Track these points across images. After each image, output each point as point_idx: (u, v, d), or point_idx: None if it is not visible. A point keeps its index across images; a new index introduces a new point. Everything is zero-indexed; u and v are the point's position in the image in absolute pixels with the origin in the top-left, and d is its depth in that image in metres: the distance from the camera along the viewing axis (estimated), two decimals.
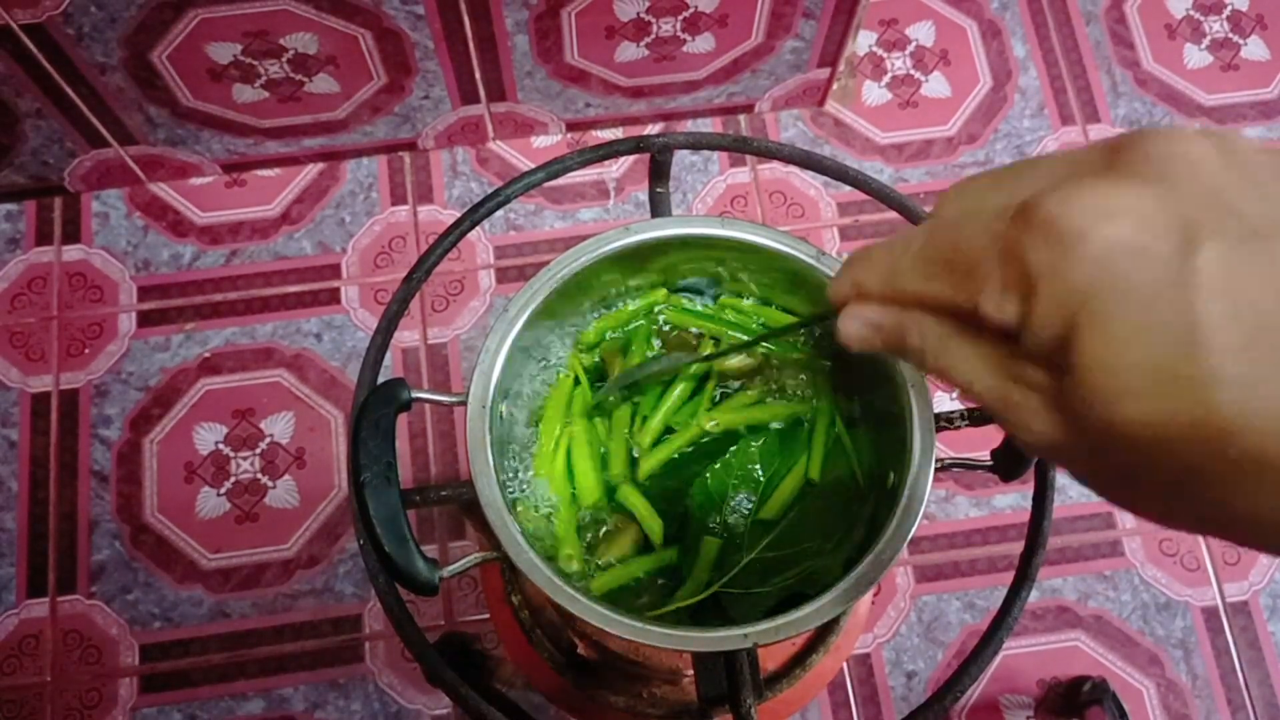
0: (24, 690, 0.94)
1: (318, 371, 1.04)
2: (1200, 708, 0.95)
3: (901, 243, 0.27)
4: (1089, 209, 0.21)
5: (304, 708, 0.94)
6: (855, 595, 0.43)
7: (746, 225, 0.51)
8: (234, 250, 1.08)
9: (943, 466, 0.48)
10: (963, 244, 0.25)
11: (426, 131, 1.09)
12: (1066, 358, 0.22)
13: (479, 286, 1.07)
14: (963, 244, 0.25)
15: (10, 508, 0.99)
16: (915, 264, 0.26)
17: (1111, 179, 0.22)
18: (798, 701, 0.70)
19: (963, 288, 0.25)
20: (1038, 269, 0.22)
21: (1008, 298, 0.23)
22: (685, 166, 1.11)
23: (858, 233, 1.09)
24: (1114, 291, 0.21)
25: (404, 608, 0.47)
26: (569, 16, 0.94)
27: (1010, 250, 0.22)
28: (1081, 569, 0.99)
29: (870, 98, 1.15)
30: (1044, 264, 0.22)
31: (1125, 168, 0.22)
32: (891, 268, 0.27)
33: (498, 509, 0.44)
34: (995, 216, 0.23)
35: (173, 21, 0.88)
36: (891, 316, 0.28)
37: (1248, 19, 1.19)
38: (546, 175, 0.56)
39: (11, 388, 1.03)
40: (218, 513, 0.99)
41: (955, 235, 0.25)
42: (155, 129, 1.02)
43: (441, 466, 1.01)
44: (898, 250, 0.27)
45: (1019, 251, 0.22)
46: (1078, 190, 0.22)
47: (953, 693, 0.46)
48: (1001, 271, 0.23)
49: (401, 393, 0.46)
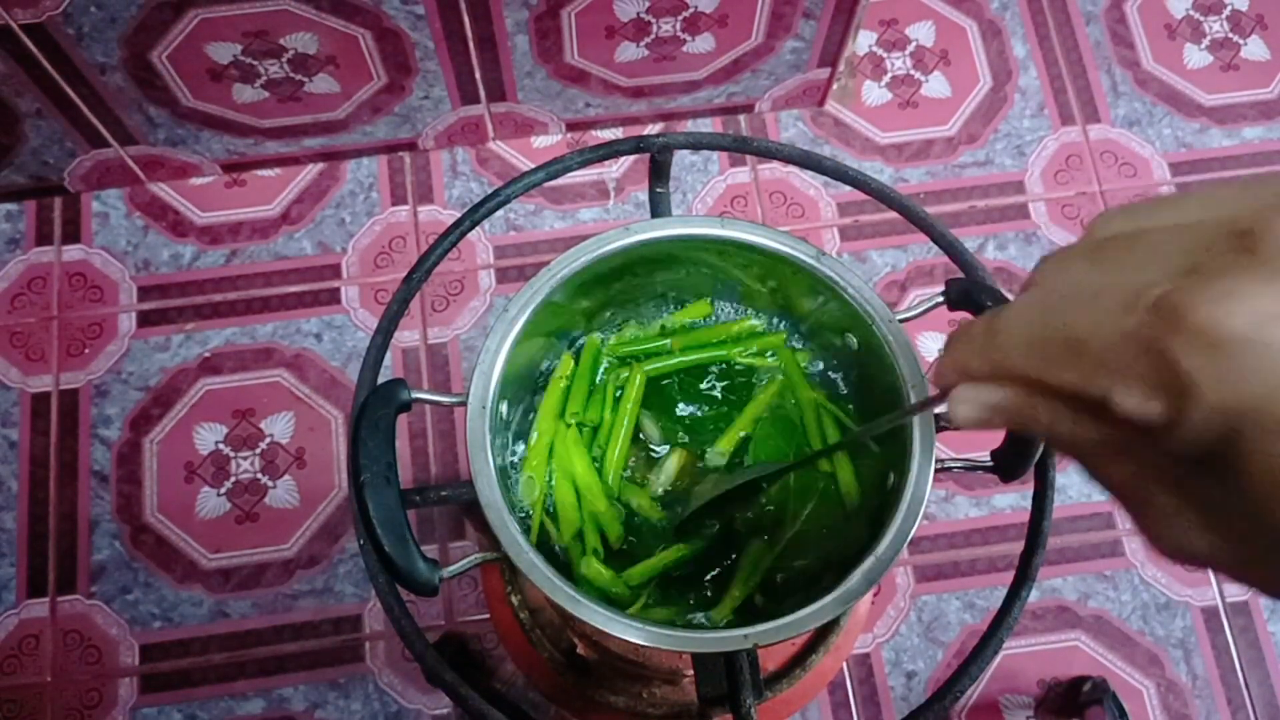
0: (24, 690, 0.94)
1: (318, 371, 1.04)
2: (1200, 708, 0.95)
3: (1006, 323, 0.25)
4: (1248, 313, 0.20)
5: (304, 708, 0.94)
6: (855, 595, 0.43)
7: (746, 225, 0.51)
8: (234, 250, 1.08)
9: (943, 467, 0.48)
10: (1084, 333, 0.23)
11: (426, 131, 1.09)
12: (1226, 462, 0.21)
13: (479, 286, 1.07)
14: (1084, 333, 0.23)
15: (10, 508, 0.99)
16: (1028, 349, 0.24)
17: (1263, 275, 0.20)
18: (798, 701, 0.70)
19: (1088, 380, 0.23)
20: (1196, 376, 0.20)
21: (1150, 401, 0.21)
22: (685, 166, 1.11)
23: (857, 233, 1.09)
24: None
25: (404, 608, 0.47)
26: (569, 16, 0.94)
27: (1156, 351, 0.21)
28: (1081, 569, 0.99)
29: (870, 98, 1.15)
30: (1203, 372, 0.20)
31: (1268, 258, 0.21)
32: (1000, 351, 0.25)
33: (498, 509, 0.44)
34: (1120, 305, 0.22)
35: (173, 21, 0.88)
36: (1012, 399, 0.25)
37: (1248, 19, 1.19)
38: (546, 175, 0.56)
39: (11, 388, 1.03)
40: (218, 513, 0.99)
41: (1073, 321, 0.23)
42: (155, 129, 1.02)
43: (441, 466, 1.01)
44: (1003, 333, 0.25)
45: (1169, 355, 0.20)
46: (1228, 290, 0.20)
47: (953, 693, 0.46)
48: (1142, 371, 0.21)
49: (401, 393, 0.46)
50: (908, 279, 1.08)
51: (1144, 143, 1.13)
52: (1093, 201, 1.11)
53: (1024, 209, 1.10)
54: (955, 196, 1.11)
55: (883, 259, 1.08)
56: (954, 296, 0.50)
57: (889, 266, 1.08)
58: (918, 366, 0.48)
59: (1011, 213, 1.10)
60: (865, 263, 1.08)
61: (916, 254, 1.08)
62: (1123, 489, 0.24)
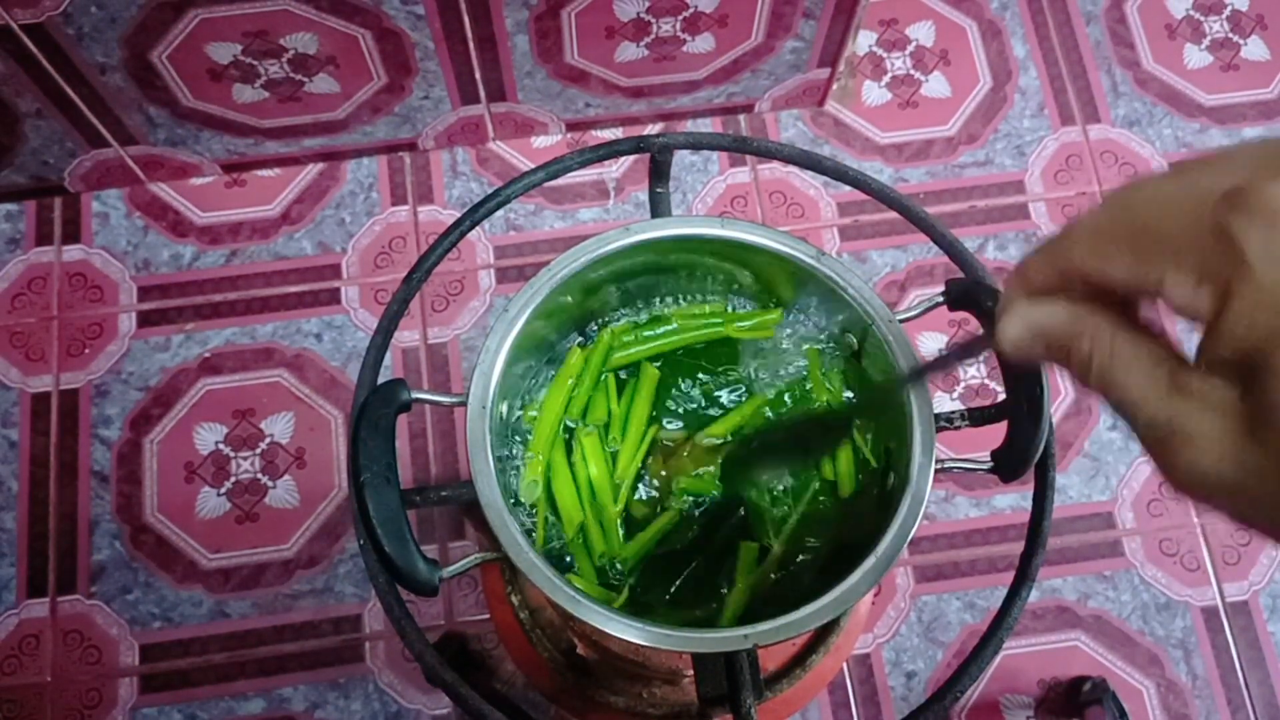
0: (24, 690, 0.94)
1: (318, 371, 1.04)
2: (1200, 708, 0.95)
3: (1077, 222, 0.25)
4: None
5: (304, 708, 0.94)
6: (855, 596, 0.43)
7: (746, 225, 0.51)
8: (234, 250, 1.08)
9: (943, 467, 0.48)
10: (1153, 220, 0.22)
11: (426, 131, 1.09)
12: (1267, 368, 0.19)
13: (479, 286, 1.07)
14: (1153, 220, 0.22)
15: (10, 508, 0.99)
16: (1094, 238, 0.24)
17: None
18: (798, 701, 0.70)
19: (1148, 266, 0.22)
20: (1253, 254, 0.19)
21: (1202, 285, 0.20)
22: (685, 166, 1.11)
23: (857, 233, 1.09)
24: None
25: (404, 608, 0.47)
26: (569, 16, 0.94)
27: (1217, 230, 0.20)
28: (1081, 569, 0.99)
29: (870, 98, 1.15)
30: (1260, 249, 0.19)
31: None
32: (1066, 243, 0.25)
33: (498, 509, 0.45)
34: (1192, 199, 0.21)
35: (173, 21, 0.88)
36: (1060, 316, 0.25)
37: (1248, 19, 1.19)
38: (546, 175, 0.56)
39: (11, 388, 1.03)
40: (218, 513, 0.99)
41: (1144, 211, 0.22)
42: (155, 129, 1.02)
43: (441, 466, 1.01)
44: (1074, 229, 0.25)
45: (1231, 233, 0.20)
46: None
47: (953, 693, 0.46)
48: (1199, 253, 0.21)
49: (401, 393, 0.46)
50: (908, 279, 1.08)
51: (1144, 143, 1.13)
52: (1093, 201, 1.11)
53: (1024, 209, 1.10)
54: (955, 196, 1.11)
55: (883, 259, 1.09)
56: (954, 296, 0.50)
57: (889, 266, 1.08)
58: None
59: (1011, 213, 1.10)
60: (865, 263, 1.08)
61: (916, 254, 1.08)
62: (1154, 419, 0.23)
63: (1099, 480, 1.01)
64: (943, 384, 1.05)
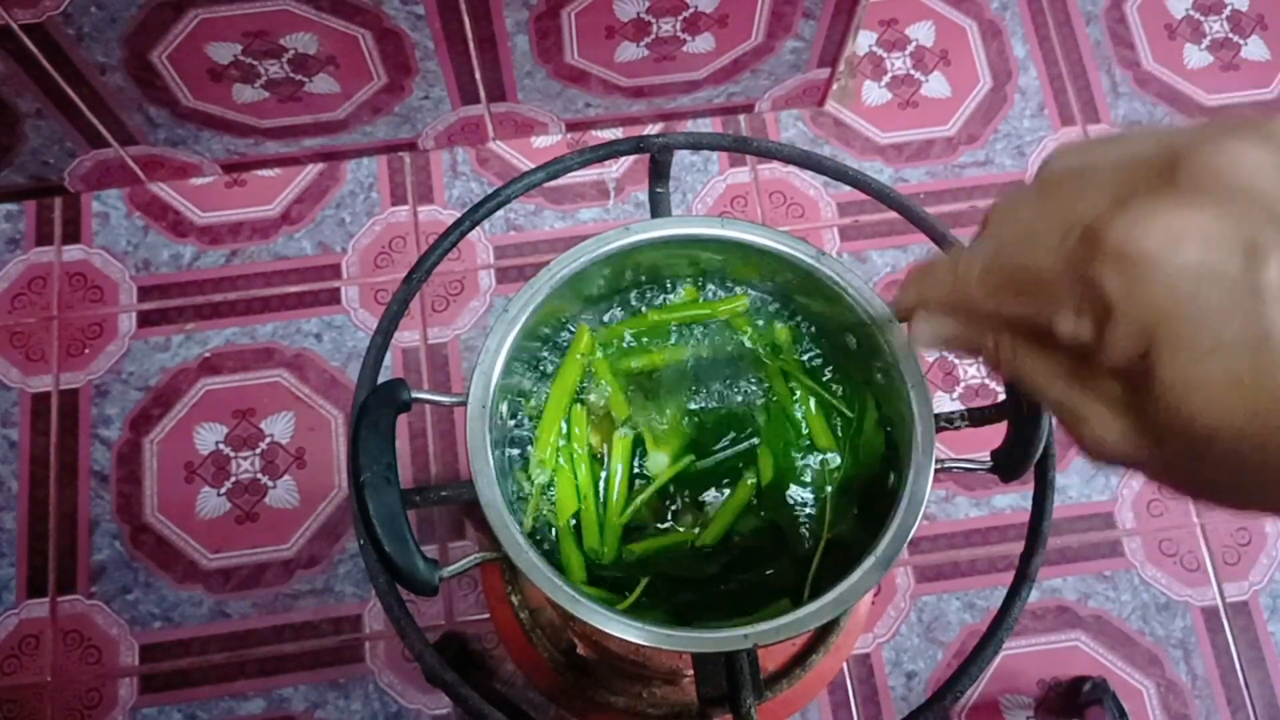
0: (24, 690, 0.94)
1: (318, 371, 1.04)
2: (1200, 708, 0.96)
3: (964, 261, 0.28)
4: (1157, 235, 0.22)
5: (304, 708, 0.94)
6: (855, 596, 0.43)
7: (746, 225, 0.51)
8: (234, 250, 1.08)
9: (943, 467, 0.48)
10: (1029, 265, 0.26)
11: (426, 131, 1.09)
12: (1145, 373, 0.23)
13: (479, 286, 1.07)
14: (1029, 265, 0.26)
15: (10, 508, 0.99)
16: (981, 283, 0.28)
17: (1173, 201, 0.23)
18: (798, 701, 0.70)
19: (1034, 306, 0.26)
20: (1113, 295, 0.23)
21: (1083, 318, 0.24)
22: (685, 166, 1.11)
23: (857, 233, 1.09)
24: (1190, 313, 0.22)
25: (404, 608, 0.47)
26: (569, 16, 0.94)
27: (1083, 276, 0.24)
28: (1081, 569, 0.99)
29: (870, 98, 1.15)
30: (1119, 291, 0.23)
31: (1185, 185, 0.23)
32: (957, 285, 0.29)
33: (498, 509, 0.44)
34: (1059, 238, 0.24)
35: (173, 21, 0.88)
36: (963, 329, 0.30)
37: (1248, 19, 1.19)
38: (546, 175, 0.56)
39: (11, 388, 1.03)
40: (218, 513, 0.99)
41: (1019, 257, 0.26)
42: (155, 129, 1.02)
43: (441, 466, 1.01)
44: (961, 268, 0.28)
45: (1093, 278, 0.23)
46: (1142, 215, 0.23)
47: (953, 693, 0.46)
48: (1075, 295, 0.24)
49: (401, 393, 0.46)
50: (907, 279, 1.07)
51: None
52: None
53: None
54: (955, 196, 1.11)
55: (883, 259, 1.09)
56: None
57: (889, 266, 1.08)
58: (918, 366, 0.48)
59: None
60: (865, 263, 1.08)
61: (916, 254, 1.08)
62: (1060, 405, 0.27)
63: (1099, 480, 1.01)
64: (942, 384, 1.05)
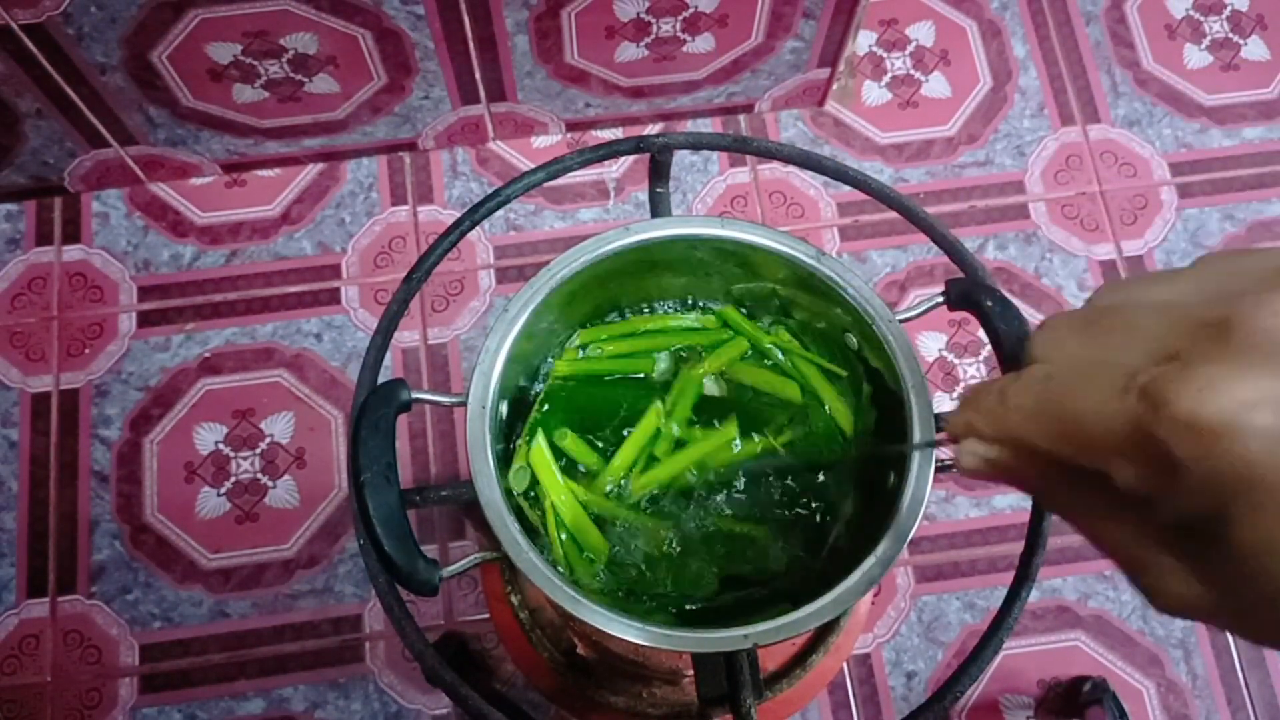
0: (24, 690, 0.94)
1: (318, 371, 1.04)
2: (1200, 708, 0.95)
3: (1014, 394, 0.27)
4: (1227, 403, 0.22)
5: (304, 708, 0.94)
6: (855, 596, 0.43)
7: (746, 225, 0.51)
8: (234, 250, 1.08)
9: (943, 466, 0.48)
10: (1081, 414, 0.25)
11: (426, 131, 1.09)
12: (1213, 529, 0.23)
13: (479, 286, 1.07)
14: (1081, 414, 0.25)
15: (10, 508, 0.99)
16: (1030, 422, 0.27)
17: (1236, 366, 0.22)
18: (798, 701, 0.70)
19: (1087, 453, 0.25)
20: (1183, 459, 0.22)
21: (1143, 473, 0.24)
22: (685, 166, 1.11)
23: (857, 233, 1.09)
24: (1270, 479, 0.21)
25: (404, 608, 0.47)
26: (569, 16, 0.94)
27: (1147, 437, 0.23)
28: (1081, 569, 0.99)
29: (870, 98, 1.15)
30: (1190, 456, 0.22)
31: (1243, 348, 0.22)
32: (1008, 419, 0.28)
33: (498, 509, 0.44)
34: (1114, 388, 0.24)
35: (173, 21, 0.88)
36: (1012, 459, 0.28)
37: (1248, 19, 1.19)
38: (546, 175, 0.56)
39: (11, 388, 1.03)
40: (218, 513, 0.99)
41: (1072, 402, 0.25)
42: (155, 129, 1.02)
43: (441, 466, 1.01)
44: (1012, 401, 0.27)
45: (1160, 441, 0.23)
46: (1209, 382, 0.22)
47: (953, 693, 0.46)
48: (1134, 450, 0.23)
49: (401, 393, 0.46)
50: (908, 279, 1.08)
51: (1144, 143, 1.13)
52: (1093, 201, 1.11)
53: (1024, 209, 1.11)
54: (955, 196, 1.11)
55: (883, 259, 1.09)
56: (954, 296, 0.50)
57: (889, 266, 1.08)
58: (918, 367, 0.48)
59: (1011, 213, 1.10)
60: (865, 263, 1.08)
61: (916, 254, 1.08)
62: (1118, 550, 0.27)
63: None
64: (942, 384, 1.05)
